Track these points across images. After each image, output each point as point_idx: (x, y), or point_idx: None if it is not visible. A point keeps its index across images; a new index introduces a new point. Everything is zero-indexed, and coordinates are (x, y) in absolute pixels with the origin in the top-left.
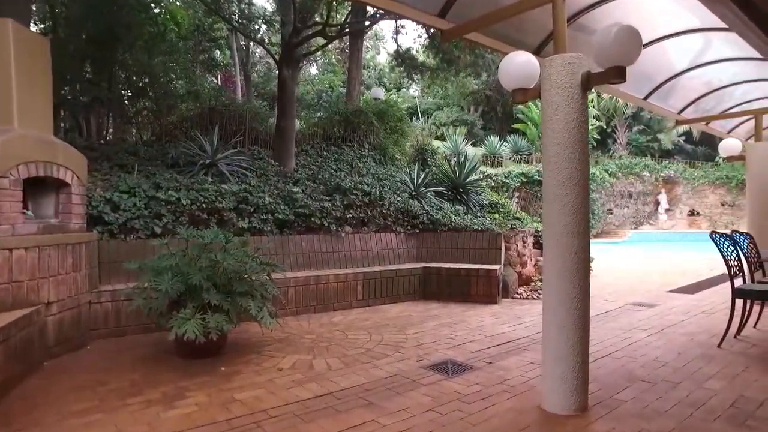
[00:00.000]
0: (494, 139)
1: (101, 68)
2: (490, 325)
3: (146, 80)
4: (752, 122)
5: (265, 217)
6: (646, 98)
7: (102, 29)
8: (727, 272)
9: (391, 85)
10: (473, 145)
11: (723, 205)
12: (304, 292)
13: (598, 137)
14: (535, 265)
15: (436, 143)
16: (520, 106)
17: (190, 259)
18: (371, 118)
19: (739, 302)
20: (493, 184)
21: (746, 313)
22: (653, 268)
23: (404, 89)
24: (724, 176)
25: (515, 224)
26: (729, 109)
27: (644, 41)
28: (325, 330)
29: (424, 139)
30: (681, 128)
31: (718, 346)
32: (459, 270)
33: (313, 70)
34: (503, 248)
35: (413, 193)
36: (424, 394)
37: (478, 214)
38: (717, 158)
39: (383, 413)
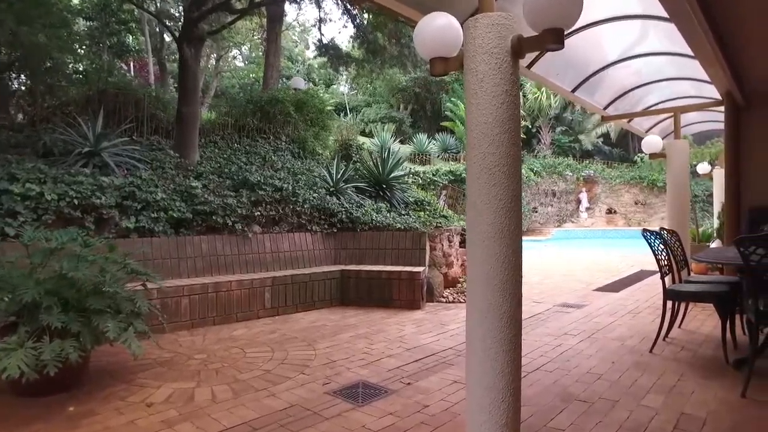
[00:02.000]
0: (422, 137)
1: None
2: (411, 335)
3: (18, 54)
4: (668, 122)
5: (156, 215)
6: (574, 90)
7: None
8: (646, 269)
9: (321, 81)
10: (402, 142)
11: (636, 203)
12: (201, 301)
13: (524, 137)
14: (462, 265)
15: (363, 139)
16: (448, 104)
17: (32, 268)
18: (288, 108)
19: (668, 303)
20: (420, 181)
21: (675, 314)
22: (577, 266)
23: (334, 85)
24: (637, 176)
25: (441, 222)
26: (651, 106)
27: (580, 24)
28: (221, 347)
29: (349, 134)
30: (600, 130)
31: (650, 351)
32: (380, 273)
33: (239, 62)
34: (428, 248)
35: (332, 190)
36: None
37: (403, 212)
38: (635, 157)
39: None
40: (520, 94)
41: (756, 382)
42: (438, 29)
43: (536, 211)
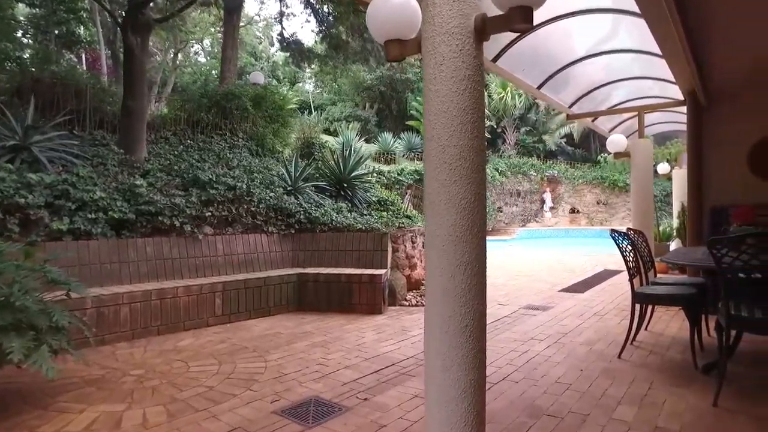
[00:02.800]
0: (387, 136)
1: None
2: (371, 343)
3: None
4: (631, 122)
5: (94, 216)
6: (539, 87)
7: None
8: (609, 268)
9: (285, 78)
10: (367, 141)
11: (598, 203)
12: (143, 309)
13: (490, 137)
14: (425, 267)
15: (327, 138)
16: (414, 103)
17: None
18: (246, 103)
19: (636, 306)
20: (385, 181)
21: (642, 317)
22: (542, 266)
23: (300, 83)
24: (599, 176)
25: (404, 223)
26: (615, 105)
27: (550, 16)
28: (163, 360)
29: (312, 132)
30: (563, 130)
31: (619, 356)
32: (339, 276)
33: (201, 58)
34: (390, 250)
35: (290, 189)
36: None
37: (365, 212)
38: (598, 157)
39: None
40: (485, 94)
41: (725, 389)
42: (393, 8)
43: (501, 211)
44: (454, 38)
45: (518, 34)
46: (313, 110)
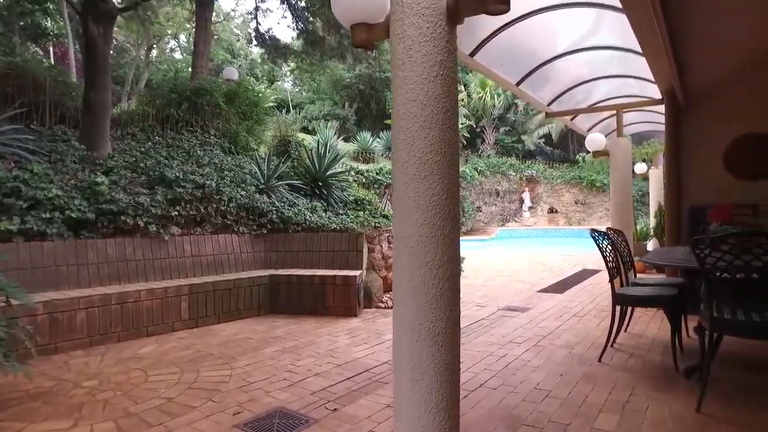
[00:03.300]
0: (366, 135)
1: None
2: (344, 348)
3: None
4: (609, 121)
5: (49, 215)
6: (518, 84)
7: None
8: (588, 268)
9: (264, 76)
10: (345, 140)
11: (577, 203)
12: (102, 314)
13: (468, 136)
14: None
15: (304, 136)
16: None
17: None
18: (218, 99)
19: (617, 308)
20: (364, 180)
21: (622, 318)
22: (521, 266)
23: (278, 82)
24: (577, 176)
25: (381, 222)
26: (594, 104)
27: (530, 9)
28: (120, 369)
29: (288, 130)
30: (542, 130)
31: (599, 360)
32: (313, 277)
33: (178, 54)
34: (365, 250)
35: (262, 187)
36: None
37: (341, 212)
38: (577, 157)
39: None
40: (465, 93)
41: (708, 394)
42: None
43: (480, 211)
44: (425, 20)
45: (497, 27)
46: (291, 109)
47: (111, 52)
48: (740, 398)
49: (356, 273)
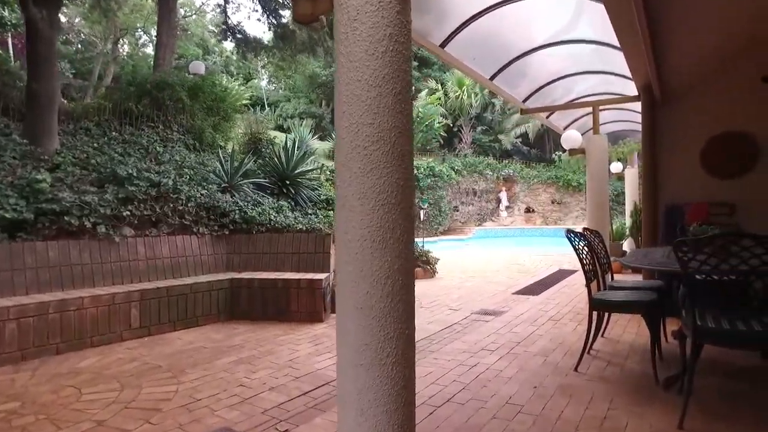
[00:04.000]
0: None
1: None
2: (305, 358)
3: None
4: (585, 119)
5: None
6: (492, 78)
7: None
8: (564, 268)
9: (240, 74)
10: (321, 139)
11: (553, 202)
12: (37, 325)
13: (446, 135)
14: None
15: (276, 134)
16: None
17: None
18: (180, 93)
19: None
20: None
21: (600, 324)
22: (497, 267)
23: (255, 80)
24: (554, 176)
25: None
26: (570, 101)
27: None
28: (51, 387)
29: (259, 128)
30: (518, 130)
31: (575, 369)
32: (276, 281)
33: (150, 50)
34: (333, 252)
35: (225, 186)
36: None
37: (309, 212)
38: (553, 156)
39: None
40: (442, 92)
41: (690, 406)
42: None
43: (457, 210)
44: None
45: (470, 16)
46: (266, 106)
47: (79, 45)
48: (724, 411)
49: (323, 276)
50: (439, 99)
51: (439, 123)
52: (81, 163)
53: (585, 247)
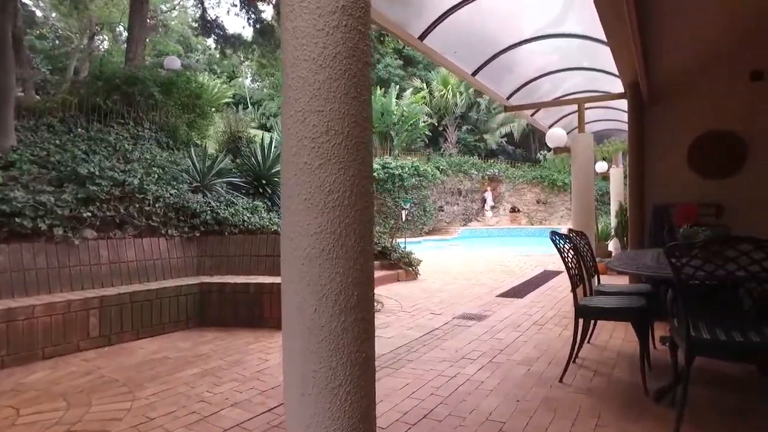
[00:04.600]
0: None
1: None
2: (274, 369)
3: None
4: (571, 118)
5: None
6: (474, 74)
7: None
8: (549, 269)
9: (223, 72)
10: None
11: (538, 202)
12: None
13: (431, 134)
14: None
15: (256, 132)
16: None
17: None
18: (151, 89)
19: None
20: None
21: (586, 331)
22: (481, 268)
23: (239, 78)
24: (539, 176)
25: None
26: (555, 98)
27: None
28: None
29: (239, 125)
30: (504, 129)
31: (560, 380)
32: (248, 286)
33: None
34: None
35: (197, 185)
36: None
37: None
38: (538, 155)
39: None
40: (427, 91)
41: (684, 421)
42: None
43: (443, 210)
44: None
45: (450, 6)
46: (249, 105)
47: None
48: (719, 425)
49: None
50: (424, 98)
51: (424, 122)
52: (39, 160)
53: (570, 250)
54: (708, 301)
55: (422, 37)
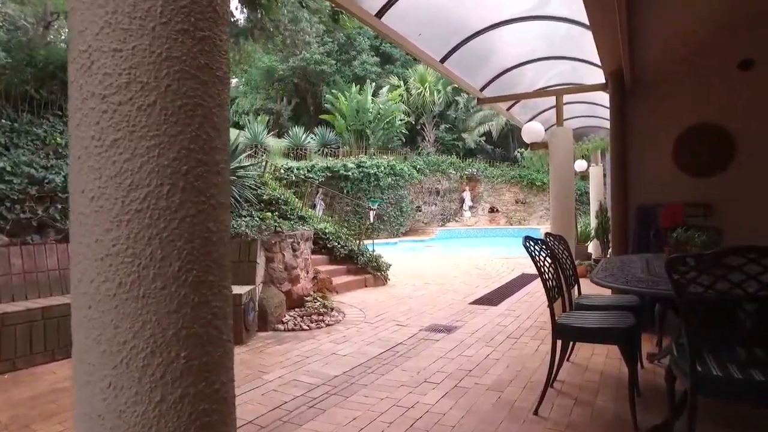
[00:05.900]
0: (299, 131)
1: None
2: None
3: None
4: (548, 114)
5: None
6: (443, 60)
7: None
8: (527, 272)
9: None
10: (279, 136)
11: (517, 202)
12: None
13: (408, 133)
14: (314, 278)
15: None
16: (328, 96)
17: None
18: None
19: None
20: (294, 178)
21: (564, 351)
22: (457, 271)
23: None
24: (517, 175)
25: (293, 225)
26: (533, 90)
27: None
28: None
29: None
30: (482, 128)
31: (535, 411)
32: None
33: None
34: (263, 260)
35: None
36: None
37: (244, 213)
38: (515, 153)
39: None
40: (404, 89)
41: None
42: None
43: (420, 210)
44: None
45: None
46: None
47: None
48: None
49: (244, 290)
50: (401, 96)
51: (401, 121)
52: None
53: (547, 258)
54: (712, 322)
55: (379, 14)
